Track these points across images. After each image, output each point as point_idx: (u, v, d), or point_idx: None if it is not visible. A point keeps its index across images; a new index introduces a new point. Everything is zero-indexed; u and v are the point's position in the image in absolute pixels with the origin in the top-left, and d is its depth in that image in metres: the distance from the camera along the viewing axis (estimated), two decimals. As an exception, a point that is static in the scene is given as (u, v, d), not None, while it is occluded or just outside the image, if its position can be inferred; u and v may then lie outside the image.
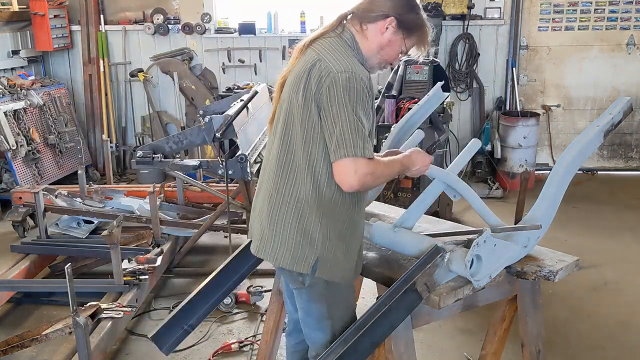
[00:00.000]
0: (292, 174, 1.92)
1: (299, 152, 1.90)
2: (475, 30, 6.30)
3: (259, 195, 2.08)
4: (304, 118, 1.88)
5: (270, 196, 1.98)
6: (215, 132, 3.63)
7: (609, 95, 6.45)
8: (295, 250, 1.93)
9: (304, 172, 1.90)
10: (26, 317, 3.71)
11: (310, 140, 1.88)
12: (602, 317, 3.61)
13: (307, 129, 1.88)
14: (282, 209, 1.94)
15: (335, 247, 1.93)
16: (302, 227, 1.92)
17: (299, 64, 1.95)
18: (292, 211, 1.93)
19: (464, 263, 1.84)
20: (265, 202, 2.00)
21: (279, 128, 1.97)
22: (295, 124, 1.91)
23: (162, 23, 6.50)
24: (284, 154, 1.94)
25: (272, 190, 1.97)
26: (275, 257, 1.97)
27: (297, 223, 1.92)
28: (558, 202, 2.12)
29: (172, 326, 2.20)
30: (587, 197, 5.75)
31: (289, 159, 1.93)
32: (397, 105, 5.01)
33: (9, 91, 5.70)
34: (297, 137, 1.90)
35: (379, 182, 1.97)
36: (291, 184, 1.93)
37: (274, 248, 1.97)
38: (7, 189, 5.50)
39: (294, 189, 1.92)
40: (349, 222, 1.96)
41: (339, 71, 1.85)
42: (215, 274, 2.27)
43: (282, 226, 1.94)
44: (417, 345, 2.14)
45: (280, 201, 1.94)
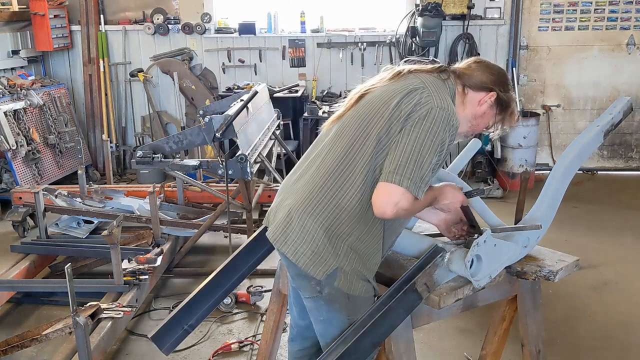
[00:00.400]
0: (345, 179, 1.87)
1: (362, 163, 1.85)
2: (475, 30, 6.30)
3: (296, 184, 1.99)
4: (381, 134, 1.84)
5: (312, 191, 1.90)
6: (215, 132, 3.63)
7: (609, 95, 6.45)
8: (317, 252, 1.86)
9: (358, 182, 1.85)
10: (26, 317, 3.71)
11: (378, 156, 1.84)
12: (602, 317, 3.61)
13: (380, 145, 1.84)
14: (319, 208, 1.87)
15: (357, 261, 1.89)
16: (331, 232, 1.86)
17: (397, 84, 1.93)
18: (329, 214, 1.86)
19: (464, 263, 1.84)
20: (303, 194, 1.91)
21: (349, 133, 1.92)
22: (370, 137, 1.86)
23: (162, 23, 6.50)
24: (345, 158, 1.89)
25: (317, 186, 1.90)
26: (296, 252, 1.88)
27: (329, 226, 1.86)
28: (558, 202, 2.12)
29: (172, 326, 2.19)
30: (587, 197, 5.75)
31: (349, 164, 1.88)
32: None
33: (9, 91, 5.70)
34: (368, 148, 1.86)
35: (408, 216, 1.97)
36: (339, 188, 1.87)
37: (296, 242, 1.88)
38: (7, 189, 5.50)
39: (340, 193, 1.87)
40: (376, 244, 1.92)
41: (439, 107, 1.83)
42: (215, 274, 2.27)
43: (312, 224, 1.86)
44: (417, 345, 2.14)
45: (321, 199, 1.87)
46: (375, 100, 1.92)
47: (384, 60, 6.41)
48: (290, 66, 6.50)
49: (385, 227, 1.92)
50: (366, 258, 1.91)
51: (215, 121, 3.67)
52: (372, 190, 1.82)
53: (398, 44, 6.27)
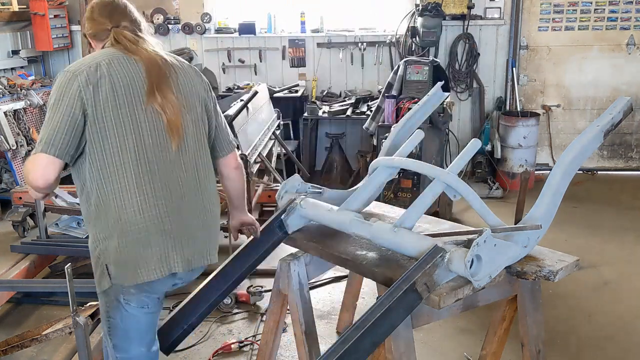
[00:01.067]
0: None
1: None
2: (475, 30, 6.30)
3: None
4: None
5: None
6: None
7: (609, 95, 6.45)
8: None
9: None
10: (26, 317, 3.71)
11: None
12: (602, 317, 3.61)
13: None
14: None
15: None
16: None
17: None
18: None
19: (464, 263, 1.84)
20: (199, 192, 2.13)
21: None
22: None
23: (162, 23, 6.50)
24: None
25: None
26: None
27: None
28: (558, 202, 2.12)
29: (172, 326, 2.20)
30: (587, 197, 5.75)
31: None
32: (397, 105, 5.01)
33: (9, 91, 5.70)
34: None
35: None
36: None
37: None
38: (7, 189, 5.50)
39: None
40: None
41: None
42: (215, 274, 2.27)
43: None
44: (417, 345, 2.14)
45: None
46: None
47: (384, 60, 6.41)
48: (290, 66, 6.50)
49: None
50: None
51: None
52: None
53: (398, 44, 6.27)
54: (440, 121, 5.01)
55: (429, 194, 2.16)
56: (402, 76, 5.19)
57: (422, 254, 1.93)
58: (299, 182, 2.46)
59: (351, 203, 2.36)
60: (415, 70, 5.14)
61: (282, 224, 2.39)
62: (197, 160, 2.07)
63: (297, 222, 2.41)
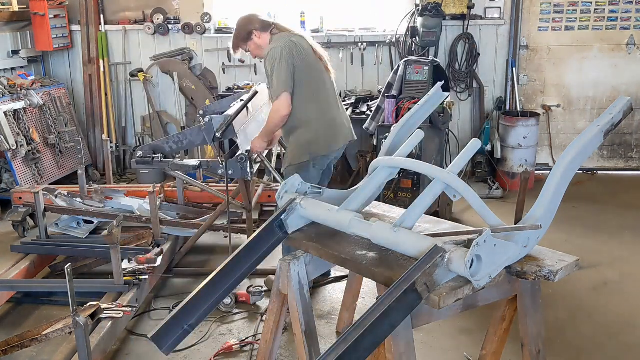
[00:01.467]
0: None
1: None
2: (475, 30, 6.31)
3: (335, 107, 3.76)
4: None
5: (342, 107, 3.91)
6: (215, 132, 3.63)
7: (609, 95, 6.45)
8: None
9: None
10: (26, 317, 3.71)
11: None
12: (602, 317, 3.62)
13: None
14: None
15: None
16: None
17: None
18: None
19: (464, 263, 1.84)
20: (342, 109, 3.88)
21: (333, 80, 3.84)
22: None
23: (162, 23, 6.50)
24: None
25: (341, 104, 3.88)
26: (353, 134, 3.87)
27: None
28: (558, 202, 2.12)
29: (172, 326, 2.19)
30: (587, 197, 5.76)
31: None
32: (397, 105, 5.02)
33: (9, 91, 5.70)
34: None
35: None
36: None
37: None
38: (7, 189, 5.50)
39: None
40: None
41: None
42: (215, 274, 2.27)
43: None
44: (417, 345, 2.14)
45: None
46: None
47: (384, 60, 6.41)
48: (290, 66, 6.49)
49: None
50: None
51: (216, 121, 3.67)
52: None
53: (398, 44, 6.27)
54: (440, 121, 5.01)
55: (429, 194, 2.16)
56: (402, 76, 5.19)
57: (422, 254, 1.93)
58: (299, 182, 2.46)
59: (351, 203, 2.36)
60: (415, 70, 5.15)
61: (282, 224, 2.39)
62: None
63: (297, 222, 2.41)
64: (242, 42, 3.76)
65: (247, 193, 4.05)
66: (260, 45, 3.70)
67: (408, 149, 2.40)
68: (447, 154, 5.77)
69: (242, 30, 3.72)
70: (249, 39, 3.71)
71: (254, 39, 3.69)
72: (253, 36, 3.69)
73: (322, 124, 3.66)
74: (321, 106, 3.67)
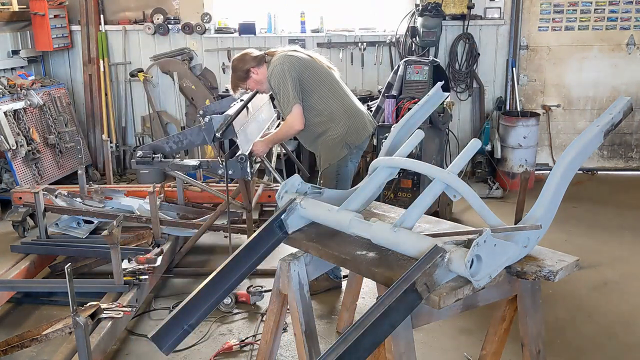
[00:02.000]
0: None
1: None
2: (475, 30, 6.31)
3: (352, 98, 3.86)
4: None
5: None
6: (215, 132, 3.63)
7: (609, 95, 6.45)
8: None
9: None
10: (26, 317, 3.71)
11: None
12: (602, 317, 3.62)
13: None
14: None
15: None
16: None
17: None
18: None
19: (464, 263, 1.84)
20: (357, 100, 3.91)
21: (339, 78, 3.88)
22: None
23: (162, 23, 6.50)
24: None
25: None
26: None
27: None
28: (558, 202, 2.12)
29: (172, 326, 2.19)
30: (587, 197, 5.76)
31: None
32: (397, 105, 5.02)
33: (9, 91, 5.70)
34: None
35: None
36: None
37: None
38: (7, 189, 5.50)
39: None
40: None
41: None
42: (215, 274, 2.27)
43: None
44: (417, 345, 2.14)
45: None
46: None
47: (384, 60, 6.41)
48: (290, 66, 6.49)
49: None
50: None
51: (216, 121, 3.67)
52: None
53: (398, 44, 6.27)
54: (440, 121, 5.01)
55: (429, 194, 2.16)
56: (402, 76, 5.19)
57: (422, 254, 1.93)
58: (299, 182, 2.46)
59: (351, 203, 2.36)
60: (415, 70, 5.15)
61: (282, 224, 2.39)
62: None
63: (297, 222, 2.40)
64: (241, 82, 3.82)
65: (247, 193, 4.05)
66: (259, 80, 3.76)
67: (408, 149, 2.40)
68: (447, 154, 5.77)
69: (239, 71, 3.78)
70: (247, 77, 3.78)
71: (252, 76, 3.76)
72: (251, 74, 3.76)
73: (349, 115, 3.74)
74: (341, 100, 3.75)
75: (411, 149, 2.41)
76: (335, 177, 3.75)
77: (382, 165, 2.36)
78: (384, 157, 2.45)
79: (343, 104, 3.75)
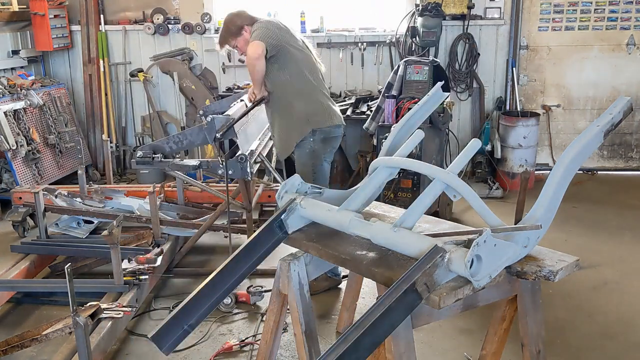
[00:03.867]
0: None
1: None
2: (475, 30, 6.31)
3: (326, 92, 3.85)
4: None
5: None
6: (216, 133, 3.64)
7: (609, 95, 6.45)
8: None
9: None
10: (26, 317, 3.71)
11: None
12: (602, 317, 3.62)
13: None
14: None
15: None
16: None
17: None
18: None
19: (464, 263, 1.84)
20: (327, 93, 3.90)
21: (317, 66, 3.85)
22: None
23: (162, 23, 6.50)
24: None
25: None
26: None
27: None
28: (558, 202, 2.12)
29: (172, 326, 2.19)
30: (587, 197, 5.76)
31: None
32: (397, 105, 5.02)
33: (9, 91, 5.70)
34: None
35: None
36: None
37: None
38: (7, 189, 5.50)
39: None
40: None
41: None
42: (216, 274, 2.27)
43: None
44: (417, 345, 2.14)
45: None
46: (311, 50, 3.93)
47: (384, 60, 6.41)
48: (290, 66, 6.49)
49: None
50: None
51: (217, 121, 3.67)
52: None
53: (398, 44, 6.27)
54: (440, 121, 5.01)
55: (429, 194, 2.16)
56: (402, 76, 5.19)
57: (422, 254, 1.93)
58: (299, 182, 2.46)
59: (351, 203, 2.36)
60: (415, 70, 5.15)
61: (282, 224, 2.39)
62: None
63: (297, 222, 2.40)
64: (232, 37, 3.79)
65: (247, 193, 4.05)
66: (248, 40, 3.70)
67: (408, 149, 2.40)
68: (447, 154, 5.77)
69: (232, 25, 3.76)
70: (239, 34, 3.76)
71: (244, 34, 3.74)
72: (243, 31, 3.74)
73: (317, 96, 3.74)
74: (313, 82, 3.74)
75: (411, 149, 2.41)
76: (312, 176, 3.73)
77: (382, 165, 2.36)
78: (384, 157, 2.45)
79: (312, 84, 3.73)
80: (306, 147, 3.74)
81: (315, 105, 3.73)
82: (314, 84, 3.77)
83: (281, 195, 2.46)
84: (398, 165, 2.34)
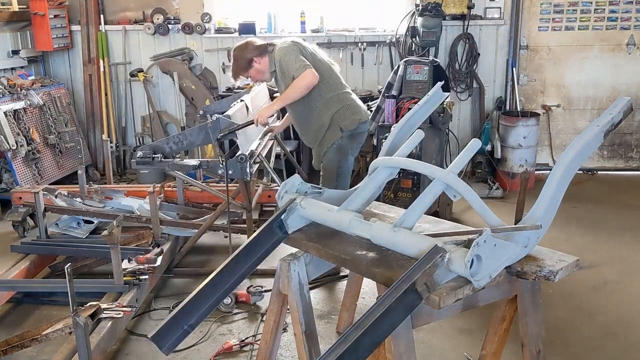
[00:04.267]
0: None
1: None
2: (475, 30, 6.31)
3: (352, 95, 3.90)
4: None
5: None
6: (219, 133, 3.66)
7: (609, 95, 6.45)
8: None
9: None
10: (26, 317, 3.71)
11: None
12: (602, 317, 3.62)
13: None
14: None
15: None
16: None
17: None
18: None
19: (464, 263, 1.84)
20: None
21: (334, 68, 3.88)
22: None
23: (162, 23, 6.50)
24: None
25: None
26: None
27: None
28: (558, 202, 2.12)
29: (172, 326, 2.19)
30: (587, 197, 5.76)
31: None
32: (397, 105, 5.01)
33: (9, 91, 5.70)
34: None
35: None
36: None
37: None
38: (7, 189, 5.50)
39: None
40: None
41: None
42: (216, 274, 2.27)
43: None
44: (417, 345, 2.14)
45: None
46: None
47: (384, 60, 6.41)
48: (290, 66, 6.49)
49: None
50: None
51: (222, 122, 3.68)
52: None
53: (398, 44, 6.27)
54: (440, 121, 5.01)
55: (429, 194, 2.16)
56: (402, 76, 5.19)
57: (422, 254, 1.93)
58: (299, 182, 2.46)
59: (351, 203, 2.36)
60: (415, 70, 5.15)
61: (282, 224, 2.39)
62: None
63: (297, 222, 2.40)
64: (243, 71, 3.83)
65: (247, 193, 4.05)
66: (261, 70, 3.79)
67: (408, 149, 2.40)
68: (447, 154, 5.77)
69: (241, 60, 3.77)
70: (249, 67, 3.78)
71: (255, 65, 3.78)
72: (254, 63, 3.77)
73: (343, 100, 3.80)
74: (337, 86, 3.81)
75: (411, 149, 2.41)
76: (337, 170, 3.79)
77: (382, 165, 2.36)
78: (384, 157, 2.45)
79: (338, 94, 3.79)
80: (334, 144, 3.81)
81: (343, 110, 3.78)
82: (339, 88, 3.83)
83: (281, 195, 2.46)
84: (398, 165, 2.34)
